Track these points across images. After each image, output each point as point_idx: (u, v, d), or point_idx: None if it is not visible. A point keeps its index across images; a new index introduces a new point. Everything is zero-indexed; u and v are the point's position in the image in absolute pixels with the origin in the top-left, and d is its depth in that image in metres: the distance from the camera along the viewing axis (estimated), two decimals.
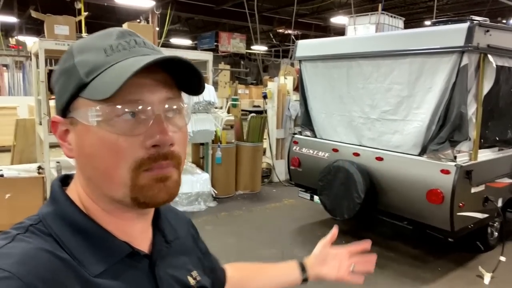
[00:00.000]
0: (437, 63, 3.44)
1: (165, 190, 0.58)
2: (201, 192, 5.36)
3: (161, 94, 0.57)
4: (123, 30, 0.60)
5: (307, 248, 4.14)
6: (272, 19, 14.49)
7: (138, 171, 0.55)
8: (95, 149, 0.55)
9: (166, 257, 0.67)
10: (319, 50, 4.49)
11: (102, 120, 0.54)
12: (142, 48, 0.58)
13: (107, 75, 0.54)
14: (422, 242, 4.25)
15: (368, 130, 4.06)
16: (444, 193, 3.33)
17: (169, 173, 0.58)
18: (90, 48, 0.57)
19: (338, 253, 1.04)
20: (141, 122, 0.55)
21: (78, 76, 0.55)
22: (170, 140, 0.56)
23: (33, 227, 0.57)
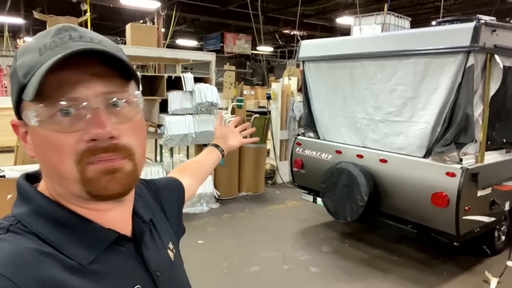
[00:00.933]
0: (442, 63, 3.36)
1: (115, 182, 0.58)
2: (204, 193, 5.33)
3: (98, 87, 0.56)
4: (61, 26, 0.60)
5: (309, 251, 4.11)
6: (277, 20, 14.44)
7: (82, 163, 0.56)
8: (43, 148, 0.57)
9: (148, 237, 0.71)
10: (322, 51, 4.43)
11: (41, 120, 0.55)
12: (76, 42, 0.57)
13: (35, 75, 0.54)
14: (427, 246, 4.17)
15: (371, 132, 3.99)
16: (450, 196, 3.26)
17: (118, 165, 0.58)
18: (29, 49, 0.58)
19: (230, 129, 1.35)
20: (80, 117, 0.56)
21: (18, 78, 0.57)
22: (109, 133, 0.56)
23: (13, 227, 0.57)
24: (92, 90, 0.56)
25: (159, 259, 0.71)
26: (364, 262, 3.87)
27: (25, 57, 0.57)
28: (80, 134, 0.56)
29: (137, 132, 0.61)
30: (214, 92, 5.27)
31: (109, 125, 0.56)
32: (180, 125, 5.00)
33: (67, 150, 0.56)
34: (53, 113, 0.55)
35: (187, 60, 6.09)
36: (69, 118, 0.55)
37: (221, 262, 3.75)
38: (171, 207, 0.90)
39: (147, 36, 5.37)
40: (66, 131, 0.55)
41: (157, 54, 5.39)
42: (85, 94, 0.56)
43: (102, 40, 0.61)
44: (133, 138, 0.60)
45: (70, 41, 0.57)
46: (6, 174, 4.25)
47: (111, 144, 0.57)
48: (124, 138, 0.58)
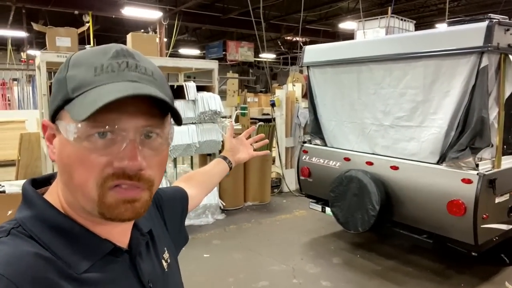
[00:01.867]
0: (454, 65, 3.23)
1: (132, 210, 0.60)
2: (209, 204, 5.19)
3: (139, 121, 0.58)
4: (121, 49, 0.61)
5: (319, 263, 3.94)
6: (279, 27, 14.40)
7: (104, 187, 0.57)
8: (70, 160, 0.58)
9: (144, 249, 0.73)
10: (327, 55, 4.31)
11: (78, 136, 0.56)
12: (131, 72, 0.59)
13: (88, 96, 0.56)
14: (442, 255, 3.99)
15: (381, 138, 3.85)
16: (466, 204, 3.10)
17: (138, 196, 0.60)
18: (83, 64, 0.59)
19: (241, 141, 1.32)
20: (116, 143, 0.57)
21: (65, 89, 0.58)
22: (138, 166, 0.58)
23: (15, 230, 0.58)
24: (134, 122, 0.58)
25: (153, 270, 0.72)
26: (377, 274, 3.70)
27: (77, 70, 0.59)
28: (111, 158, 0.57)
29: (161, 165, 0.63)
30: (217, 100, 5.16)
31: (140, 158, 0.58)
32: (183, 135, 4.88)
33: (94, 170, 0.57)
34: (91, 133, 0.56)
35: (190, 68, 6.00)
36: (104, 141, 0.57)
37: (227, 277, 3.60)
38: (173, 216, 0.92)
39: (148, 45, 5.29)
40: (99, 153, 0.57)
41: (159, 63, 5.29)
42: (127, 125, 0.57)
43: (154, 71, 0.63)
44: (156, 171, 0.62)
45: (127, 70, 0.59)
46: (6, 190, 4.13)
47: (136, 174, 0.58)
48: (148, 170, 0.60)
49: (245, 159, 1.31)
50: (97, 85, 0.57)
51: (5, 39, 14.21)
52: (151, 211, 0.84)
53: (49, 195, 0.64)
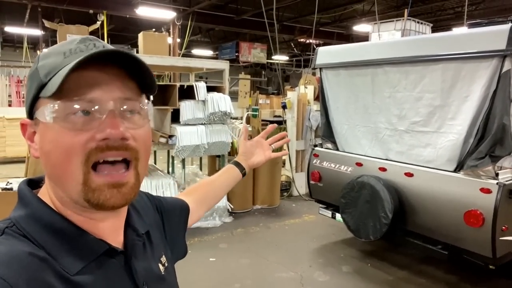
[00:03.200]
0: (474, 69, 3.08)
1: (119, 196, 0.59)
2: (217, 206, 5.10)
3: (115, 92, 0.59)
4: (86, 36, 0.63)
5: (329, 271, 3.82)
6: (293, 28, 14.29)
7: (88, 163, 0.56)
8: (52, 145, 0.57)
9: (139, 250, 0.71)
10: (341, 57, 4.19)
11: (56, 116, 0.56)
12: (100, 49, 0.59)
13: (58, 74, 0.56)
14: (457, 267, 3.83)
15: (395, 143, 3.71)
16: (485, 215, 2.95)
17: (125, 179, 0.59)
18: (52, 53, 0.61)
19: (258, 142, 1.23)
20: (95, 118, 0.57)
21: (38, 78, 0.59)
22: (121, 134, 0.57)
23: (9, 229, 0.58)
24: (109, 93, 0.58)
25: (148, 272, 0.71)
26: (389, 285, 3.56)
27: (48, 60, 0.60)
28: (92, 133, 0.57)
29: (144, 141, 0.62)
30: (227, 101, 5.08)
31: (122, 127, 0.58)
32: (192, 136, 4.82)
33: (76, 149, 0.56)
34: (69, 111, 0.56)
35: (201, 68, 5.94)
36: (83, 118, 0.57)
37: (233, 283, 3.50)
38: (173, 226, 0.90)
39: (159, 45, 5.24)
40: (80, 129, 0.56)
41: (169, 62, 5.26)
42: (102, 96, 0.57)
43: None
44: (140, 144, 0.61)
45: (95, 49, 0.60)
46: (13, 187, 4.13)
47: (122, 144, 0.58)
48: (132, 141, 0.59)
49: (261, 162, 1.23)
50: (67, 64, 0.57)
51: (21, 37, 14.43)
52: (150, 214, 0.83)
53: (41, 195, 0.63)
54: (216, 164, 5.71)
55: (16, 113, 9.78)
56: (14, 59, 14.15)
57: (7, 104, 11.21)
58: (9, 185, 4.12)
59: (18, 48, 16.40)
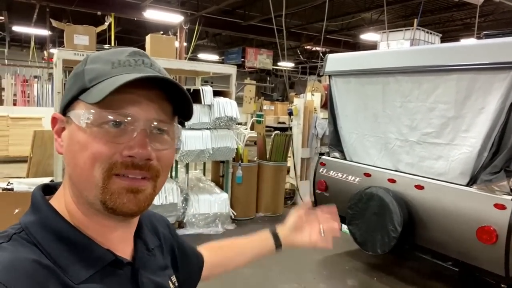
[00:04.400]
0: (490, 80, 2.99)
1: (135, 202, 0.60)
2: (219, 213, 5.01)
3: (151, 112, 0.60)
4: (137, 50, 0.64)
5: (333, 284, 3.71)
6: (300, 35, 14.26)
7: (110, 173, 0.58)
8: (79, 147, 0.58)
9: (148, 264, 0.70)
10: (351, 65, 4.11)
11: (90, 123, 0.58)
12: (147, 68, 0.62)
13: (104, 83, 0.58)
14: (467, 283, 3.71)
15: (406, 154, 3.61)
16: (498, 232, 2.84)
17: (143, 187, 0.60)
18: (101, 60, 0.62)
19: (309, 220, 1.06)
20: (127, 133, 0.59)
21: (83, 80, 0.60)
22: (147, 155, 0.59)
23: (17, 235, 0.58)
24: (146, 113, 0.59)
25: (155, 286, 0.69)
26: None
27: (95, 65, 0.61)
28: (121, 148, 0.58)
29: (167, 160, 0.64)
30: (233, 106, 5.00)
31: (150, 148, 0.59)
32: (196, 140, 4.74)
33: (102, 157, 0.57)
34: (104, 121, 0.58)
35: (207, 72, 5.88)
36: (116, 130, 0.58)
37: None
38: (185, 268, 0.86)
39: (166, 48, 5.19)
40: (110, 140, 0.58)
41: (176, 66, 5.19)
42: (139, 114, 0.59)
43: (166, 74, 0.65)
44: (163, 164, 0.63)
45: (143, 66, 0.62)
46: (14, 187, 4.06)
47: (145, 163, 0.59)
48: (155, 161, 0.61)
49: (304, 245, 1.04)
50: (114, 75, 0.59)
51: (29, 37, 14.49)
52: (167, 237, 0.82)
53: (54, 200, 0.64)
54: (220, 170, 5.62)
55: (20, 112, 9.76)
56: (20, 59, 14.20)
57: (12, 103, 11.21)
58: (10, 186, 4.05)
59: (25, 47, 16.48)
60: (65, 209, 0.62)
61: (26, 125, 8.78)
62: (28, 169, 5.35)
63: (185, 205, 4.95)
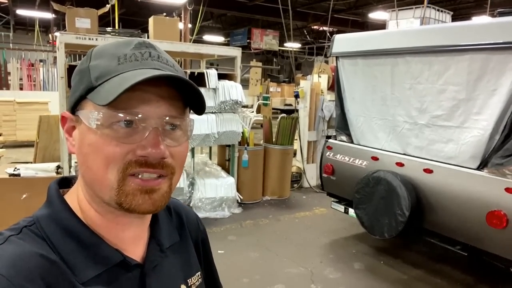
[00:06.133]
0: (504, 60, 2.88)
1: (150, 202, 0.58)
2: (226, 197, 5.01)
3: (162, 109, 0.58)
4: (143, 41, 0.62)
5: (340, 268, 3.70)
6: (306, 15, 13.97)
7: (125, 173, 0.57)
8: (91, 149, 0.57)
9: (160, 267, 0.67)
10: (359, 45, 3.99)
11: (101, 124, 0.56)
12: (154, 61, 0.60)
13: (112, 82, 0.56)
14: (475, 267, 3.69)
15: (415, 137, 3.54)
16: (509, 216, 2.79)
17: (158, 186, 0.59)
18: (106, 54, 0.60)
19: None
20: (139, 132, 0.57)
21: (88, 78, 0.58)
22: (161, 154, 0.58)
23: (27, 228, 0.58)
24: (157, 110, 0.58)
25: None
26: (403, 284, 3.43)
27: (101, 60, 0.59)
28: (133, 147, 0.57)
29: (181, 156, 0.63)
30: (238, 89, 4.93)
31: (163, 146, 0.58)
32: (202, 125, 4.70)
33: (116, 158, 0.56)
34: (114, 121, 0.56)
35: (212, 55, 5.78)
36: (127, 130, 0.56)
37: (242, 277, 3.41)
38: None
39: (170, 30, 5.09)
40: (122, 141, 0.56)
41: (180, 48, 5.10)
42: (149, 113, 0.57)
43: (174, 64, 0.63)
44: (177, 161, 0.61)
45: (150, 59, 0.59)
46: (21, 173, 4.07)
47: (160, 162, 0.58)
48: (170, 159, 0.60)
49: None
50: (121, 72, 0.57)
51: (33, 20, 14.37)
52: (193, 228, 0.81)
53: (68, 196, 0.64)
54: (226, 154, 5.60)
55: (27, 96, 9.79)
56: (26, 42, 14.13)
57: (18, 88, 11.22)
58: (17, 171, 4.06)
59: (30, 31, 16.37)
60: (78, 206, 0.62)
61: (32, 110, 8.81)
62: (35, 154, 5.37)
63: (192, 189, 4.95)
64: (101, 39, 4.22)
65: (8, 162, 5.77)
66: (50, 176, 4.22)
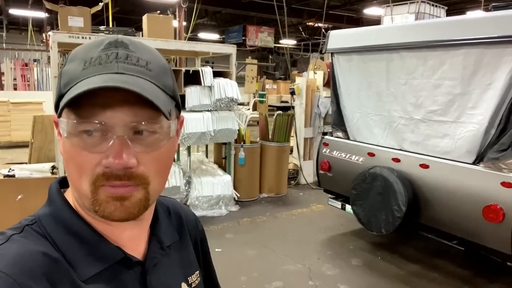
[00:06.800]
0: (499, 54, 2.88)
1: (122, 209, 0.57)
2: (223, 195, 5.00)
3: (125, 117, 0.55)
4: (114, 40, 0.58)
5: (337, 264, 3.71)
6: (301, 12, 13.94)
7: (96, 185, 0.56)
8: (67, 156, 0.58)
9: (160, 264, 0.67)
10: (354, 41, 3.98)
11: (69, 132, 0.55)
12: (119, 63, 0.56)
13: (72, 90, 0.54)
14: (472, 261, 3.70)
15: (410, 133, 3.54)
16: (505, 210, 2.80)
17: (127, 193, 0.57)
18: (77, 57, 0.58)
19: None
20: (106, 139, 0.55)
21: (59, 85, 0.58)
22: (124, 164, 0.55)
23: (29, 227, 0.58)
24: (120, 118, 0.55)
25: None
26: (400, 279, 3.44)
27: (71, 65, 0.58)
28: (101, 157, 0.55)
29: (158, 162, 0.59)
30: (234, 87, 4.91)
31: (126, 156, 0.55)
32: (197, 123, 4.68)
33: (86, 169, 0.56)
34: (81, 130, 0.55)
35: (207, 53, 5.76)
36: (94, 139, 0.55)
37: (239, 275, 3.41)
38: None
39: (164, 28, 5.06)
40: (89, 150, 0.55)
41: (174, 46, 5.08)
42: (112, 120, 0.54)
43: (150, 62, 0.58)
44: (151, 168, 0.58)
45: (114, 61, 0.56)
46: (16, 174, 4.04)
47: (126, 172, 0.56)
48: (141, 167, 0.57)
49: None
50: (82, 79, 0.55)
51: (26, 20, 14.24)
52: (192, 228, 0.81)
53: (68, 194, 0.63)
54: (222, 152, 5.58)
55: (21, 97, 9.70)
56: (19, 42, 14.01)
57: (12, 88, 11.13)
58: (11, 172, 4.03)
59: (23, 31, 16.23)
60: (75, 204, 0.62)
61: (27, 110, 8.73)
62: (29, 155, 5.33)
63: (188, 187, 4.94)
64: (95, 37, 4.18)
65: (3, 163, 5.73)
66: (45, 176, 4.19)
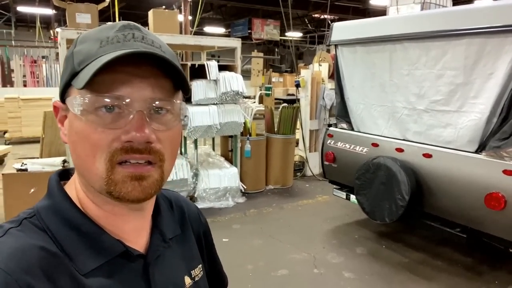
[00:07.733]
0: (500, 44, 2.89)
1: (140, 189, 0.57)
2: (229, 187, 5.09)
3: (147, 91, 0.56)
4: (127, 23, 0.60)
5: (342, 253, 3.78)
6: (307, 3, 13.88)
7: (112, 162, 0.55)
8: (78, 137, 0.56)
9: (163, 257, 0.67)
10: (357, 33, 4.01)
11: (84, 109, 0.55)
12: (137, 42, 0.57)
13: (91, 65, 0.54)
14: (475, 249, 3.74)
15: (414, 123, 3.57)
16: (507, 198, 2.84)
17: (148, 172, 0.57)
18: (89, 38, 0.58)
19: None
20: (123, 116, 0.55)
21: (72, 64, 0.57)
22: (146, 137, 0.56)
23: (27, 220, 0.57)
24: (141, 93, 0.56)
25: (169, 283, 0.66)
26: (404, 267, 3.51)
27: (84, 45, 0.58)
28: (119, 132, 0.55)
29: (172, 142, 0.60)
30: (239, 80, 4.97)
31: (148, 130, 0.56)
32: (204, 116, 4.75)
33: (101, 145, 0.55)
34: (97, 106, 0.54)
35: (212, 47, 5.82)
36: (111, 115, 0.55)
37: (246, 264, 3.50)
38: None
39: (169, 22, 5.12)
40: (106, 126, 0.55)
41: (180, 41, 5.14)
42: (133, 95, 0.55)
43: (162, 45, 0.60)
44: (167, 146, 0.59)
45: (133, 40, 0.57)
46: (28, 168, 4.17)
47: (146, 147, 0.56)
48: (158, 144, 0.57)
49: None
50: (102, 54, 0.54)
51: (34, 17, 14.40)
52: (195, 222, 0.80)
53: (67, 187, 0.63)
54: (228, 145, 5.66)
55: (31, 93, 9.87)
56: (28, 39, 14.19)
57: (22, 85, 11.31)
58: (24, 166, 4.16)
59: (31, 28, 16.41)
60: (76, 196, 0.61)
61: (37, 106, 8.89)
62: (41, 150, 5.46)
63: (195, 180, 5.03)
64: None
65: (14, 158, 5.88)
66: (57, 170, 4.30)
